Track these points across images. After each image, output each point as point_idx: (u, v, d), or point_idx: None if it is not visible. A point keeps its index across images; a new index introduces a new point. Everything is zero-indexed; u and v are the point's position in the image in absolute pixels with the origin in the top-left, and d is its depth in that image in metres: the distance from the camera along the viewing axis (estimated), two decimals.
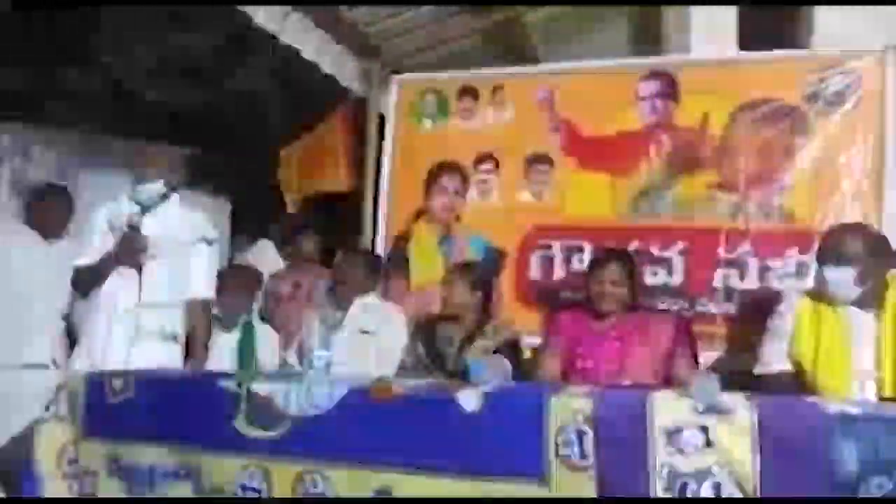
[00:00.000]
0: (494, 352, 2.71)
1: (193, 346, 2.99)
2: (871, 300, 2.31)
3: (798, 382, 2.35)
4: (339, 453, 1.99)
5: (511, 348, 2.79)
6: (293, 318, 3.48)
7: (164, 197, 2.98)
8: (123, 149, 4.83)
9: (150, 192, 2.95)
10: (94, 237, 2.98)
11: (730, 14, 4.07)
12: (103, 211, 3.00)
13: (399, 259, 3.66)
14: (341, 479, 1.98)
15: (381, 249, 3.70)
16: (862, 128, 3.12)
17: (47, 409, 2.39)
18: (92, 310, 2.95)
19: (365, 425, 1.98)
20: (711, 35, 4.02)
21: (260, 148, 5.47)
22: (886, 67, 3.11)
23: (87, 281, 2.96)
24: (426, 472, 1.90)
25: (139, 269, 2.87)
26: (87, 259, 2.96)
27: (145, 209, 2.93)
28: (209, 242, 3.07)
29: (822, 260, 2.37)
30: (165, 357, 2.86)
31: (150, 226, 2.91)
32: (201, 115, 6.03)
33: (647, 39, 4.14)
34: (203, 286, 3.03)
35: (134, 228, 2.87)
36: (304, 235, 4.06)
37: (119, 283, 2.88)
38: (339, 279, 3.22)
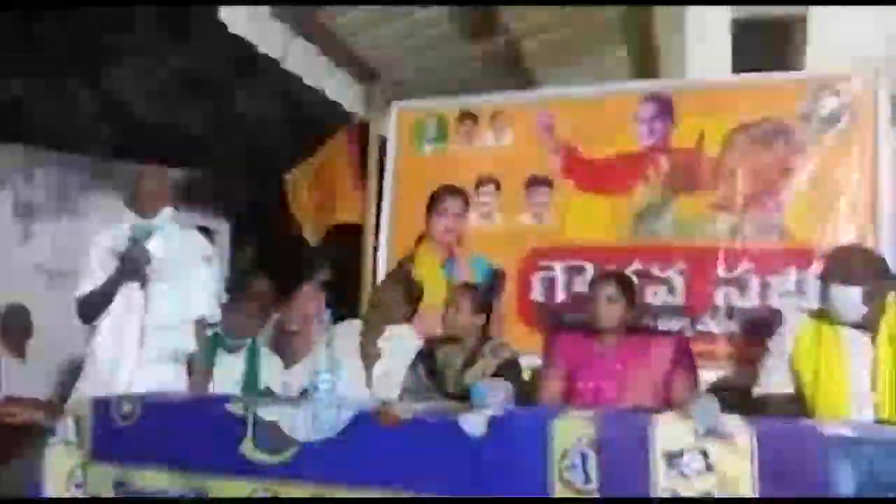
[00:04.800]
0: (495, 374, 2.73)
1: (193, 366, 2.99)
2: (870, 322, 2.34)
3: (797, 404, 2.38)
4: (346, 477, 2.00)
5: (511, 369, 2.79)
6: (297, 342, 3.51)
7: (162, 224, 3.00)
8: (126, 171, 4.87)
9: (155, 219, 2.97)
10: (93, 264, 2.95)
11: (724, 36, 4.14)
12: (103, 236, 3.01)
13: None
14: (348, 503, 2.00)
15: (383, 273, 3.73)
16: (856, 146, 3.18)
17: (54, 433, 2.40)
18: (96, 333, 2.96)
19: (371, 449, 2.00)
20: (707, 56, 4.08)
21: (262, 170, 5.51)
22: (878, 86, 3.17)
23: (92, 307, 2.94)
24: (431, 495, 1.92)
25: (143, 286, 2.88)
26: (88, 286, 2.94)
27: (147, 233, 2.95)
28: (208, 261, 3.09)
29: (828, 278, 2.38)
30: (171, 379, 2.86)
31: (153, 248, 2.93)
32: (204, 138, 6.08)
33: (644, 63, 4.20)
34: (203, 306, 3.02)
35: (136, 242, 2.89)
36: (319, 268, 4.10)
37: (122, 306, 2.90)
38: (374, 301, 3.23)
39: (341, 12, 3.70)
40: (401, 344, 3.07)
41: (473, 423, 1.92)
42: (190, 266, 3.01)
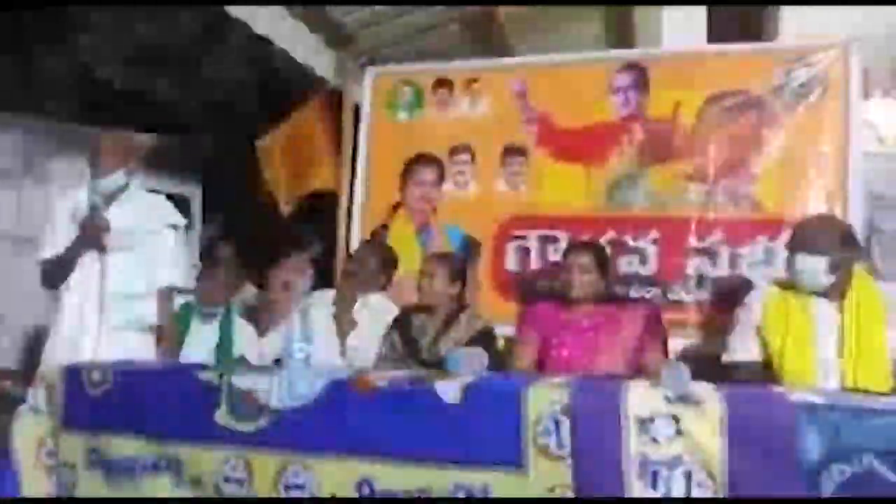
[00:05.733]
0: (469, 342, 2.74)
1: (160, 334, 2.96)
2: (836, 291, 2.39)
3: (764, 371, 2.43)
4: (321, 444, 2.01)
5: (485, 338, 2.80)
6: (273, 311, 3.49)
7: (125, 187, 2.94)
8: (94, 136, 4.76)
9: (111, 182, 2.91)
10: (55, 229, 2.91)
11: (700, 7, 4.14)
12: (64, 201, 2.95)
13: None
14: (323, 470, 2.00)
15: (357, 242, 3.71)
16: (827, 118, 3.21)
17: (24, 401, 2.38)
18: (59, 301, 2.91)
19: (346, 416, 2.01)
20: (682, 28, 4.08)
21: (233, 137, 5.43)
22: (849, 59, 3.20)
23: (54, 274, 2.90)
24: (407, 462, 1.93)
25: (102, 253, 2.83)
26: (50, 251, 2.89)
27: (108, 199, 2.90)
28: (175, 228, 3.04)
29: (795, 248, 2.42)
30: (139, 347, 2.84)
31: (115, 215, 2.87)
32: (174, 103, 5.97)
33: (620, 33, 4.20)
34: (171, 273, 2.98)
35: (95, 209, 2.83)
36: (307, 240, 4.06)
37: (84, 274, 2.85)
38: (349, 269, 3.20)
39: None
40: (376, 312, 3.07)
41: (448, 390, 1.93)
42: (155, 233, 2.95)
